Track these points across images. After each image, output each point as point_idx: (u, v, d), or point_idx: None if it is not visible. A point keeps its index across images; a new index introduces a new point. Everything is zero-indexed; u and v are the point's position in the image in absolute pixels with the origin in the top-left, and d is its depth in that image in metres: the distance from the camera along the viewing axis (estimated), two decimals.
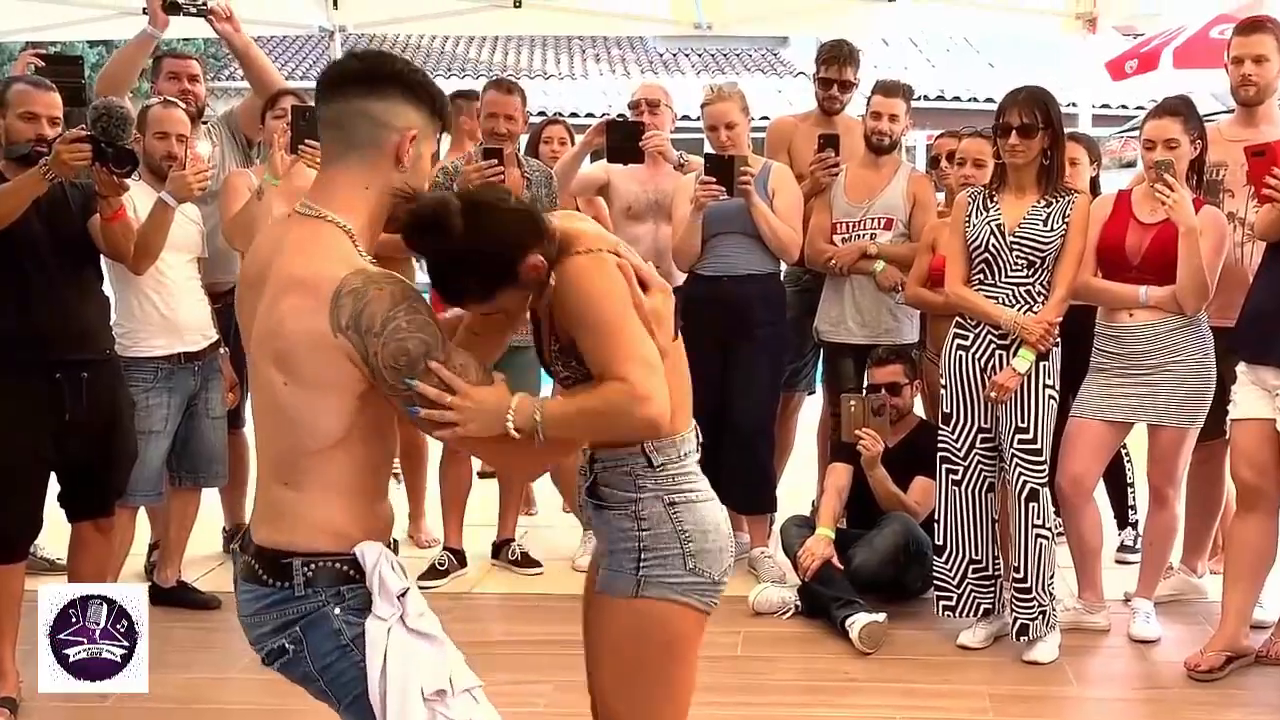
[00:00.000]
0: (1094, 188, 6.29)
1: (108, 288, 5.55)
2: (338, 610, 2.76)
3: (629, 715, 3.09)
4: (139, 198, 5.48)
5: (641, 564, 2.98)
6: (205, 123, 6.55)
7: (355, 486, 2.79)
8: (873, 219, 6.48)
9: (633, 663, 3.04)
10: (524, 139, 7.21)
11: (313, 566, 2.75)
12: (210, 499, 6.65)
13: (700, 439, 3.09)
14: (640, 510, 2.99)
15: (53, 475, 5.16)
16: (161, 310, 5.68)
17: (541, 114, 15.90)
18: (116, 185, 4.97)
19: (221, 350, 6.04)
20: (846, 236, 6.49)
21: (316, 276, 2.67)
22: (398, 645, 2.74)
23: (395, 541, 4.14)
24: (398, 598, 2.76)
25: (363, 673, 2.73)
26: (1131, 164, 11.74)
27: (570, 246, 2.88)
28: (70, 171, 4.84)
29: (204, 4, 6.39)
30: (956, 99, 21.18)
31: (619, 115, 6.78)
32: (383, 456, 2.89)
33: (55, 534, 5.47)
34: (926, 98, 19.66)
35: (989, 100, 5.40)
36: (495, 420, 2.73)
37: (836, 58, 6.76)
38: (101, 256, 5.33)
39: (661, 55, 25.71)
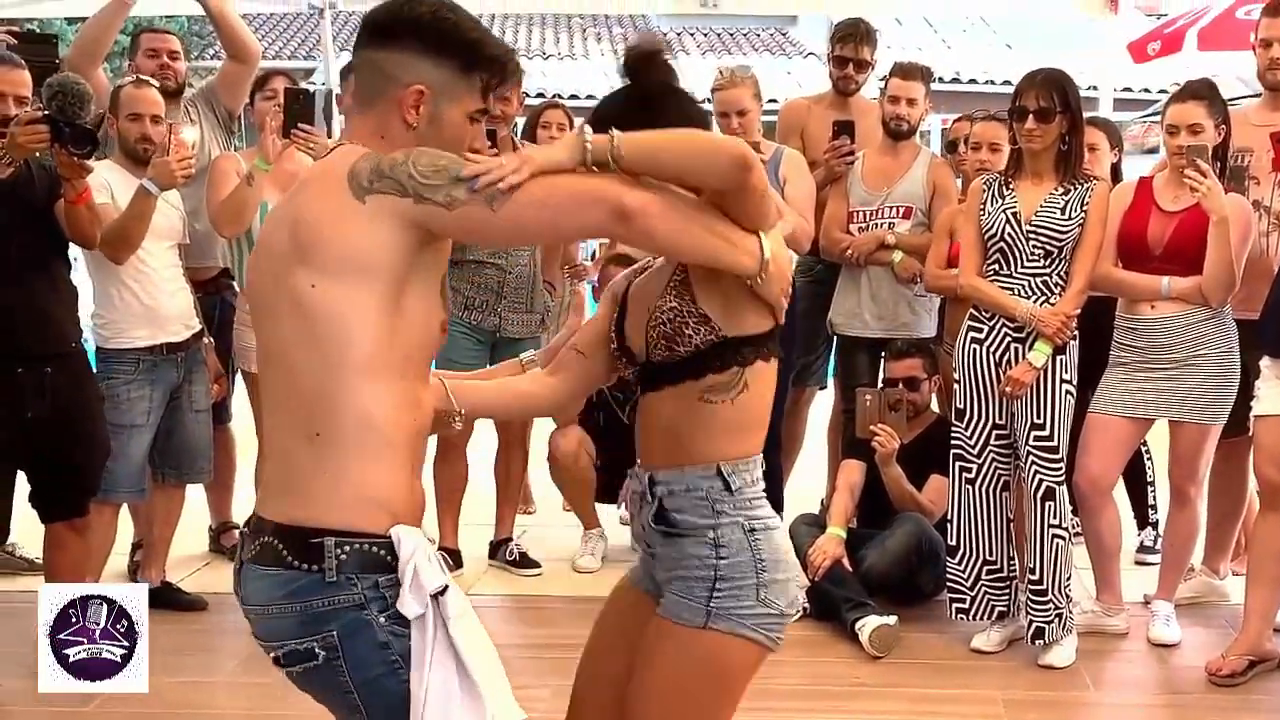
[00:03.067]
0: (1115, 174, 6.29)
1: (83, 277, 5.53)
2: (382, 619, 2.54)
3: None
4: (117, 184, 5.46)
5: (715, 594, 2.87)
6: (185, 100, 6.52)
7: (394, 439, 2.58)
8: (891, 207, 6.48)
9: (682, 693, 2.91)
10: (519, 122, 7.21)
11: (347, 549, 2.51)
12: (196, 496, 6.67)
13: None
14: (720, 537, 2.88)
15: (22, 475, 5.15)
16: (142, 300, 5.63)
17: (540, 96, 15.91)
18: (78, 167, 4.88)
19: (205, 340, 6.01)
20: (863, 225, 6.49)
21: (330, 171, 2.61)
22: (442, 668, 2.55)
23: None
24: (432, 597, 2.55)
25: (408, 693, 2.53)
26: (1154, 150, 11.73)
27: None
28: (26, 154, 4.79)
29: None
30: (973, 81, 21.20)
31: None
32: (421, 421, 2.68)
33: (34, 533, 5.47)
34: (942, 80, 19.61)
35: (1006, 83, 5.42)
36: (566, 149, 2.59)
37: (853, 35, 6.75)
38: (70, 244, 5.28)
39: (665, 34, 25.66)
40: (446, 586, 2.59)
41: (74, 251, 5.52)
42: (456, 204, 2.49)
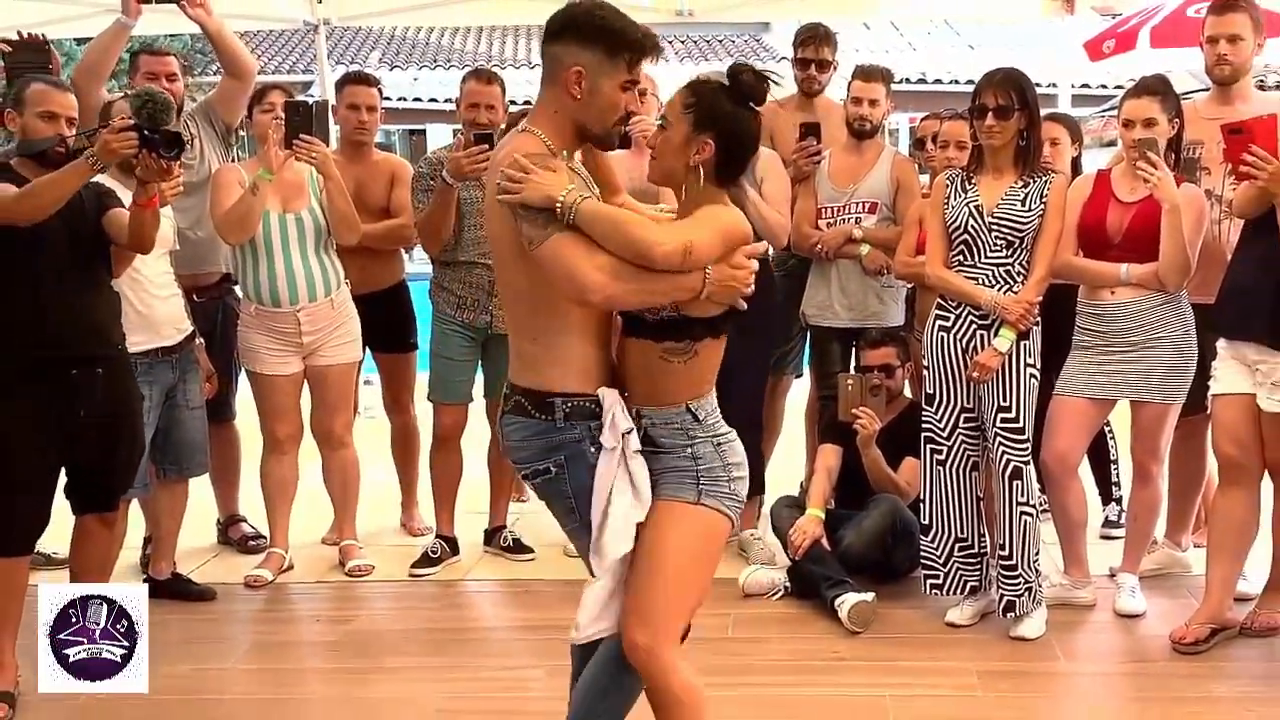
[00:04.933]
0: (1076, 168, 6.28)
1: None
2: (593, 449, 3.47)
3: (669, 598, 3.54)
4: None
5: (700, 482, 3.55)
6: (184, 115, 6.49)
7: (591, 332, 3.52)
8: (857, 203, 6.48)
9: (680, 555, 3.53)
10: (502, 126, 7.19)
11: (570, 404, 3.47)
12: (204, 492, 6.66)
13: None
14: (696, 452, 3.55)
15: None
16: (138, 307, 5.61)
17: (527, 102, 15.88)
18: (164, 170, 4.92)
19: (197, 342, 6.01)
20: (831, 221, 6.49)
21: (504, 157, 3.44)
22: (622, 481, 3.46)
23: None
24: (624, 435, 3.44)
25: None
26: (1112, 143, 11.75)
27: None
28: (116, 159, 4.83)
29: None
30: (938, 81, 21.23)
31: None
32: (601, 314, 3.53)
33: (53, 529, 5.46)
34: (908, 80, 19.70)
35: (970, 82, 5.44)
36: (547, 192, 3.31)
37: (813, 38, 6.76)
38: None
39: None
40: (631, 429, 3.47)
41: None
42: (530, 234, 3.35)
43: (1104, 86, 18.81)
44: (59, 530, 5.33)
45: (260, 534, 6.77)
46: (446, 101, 6.02)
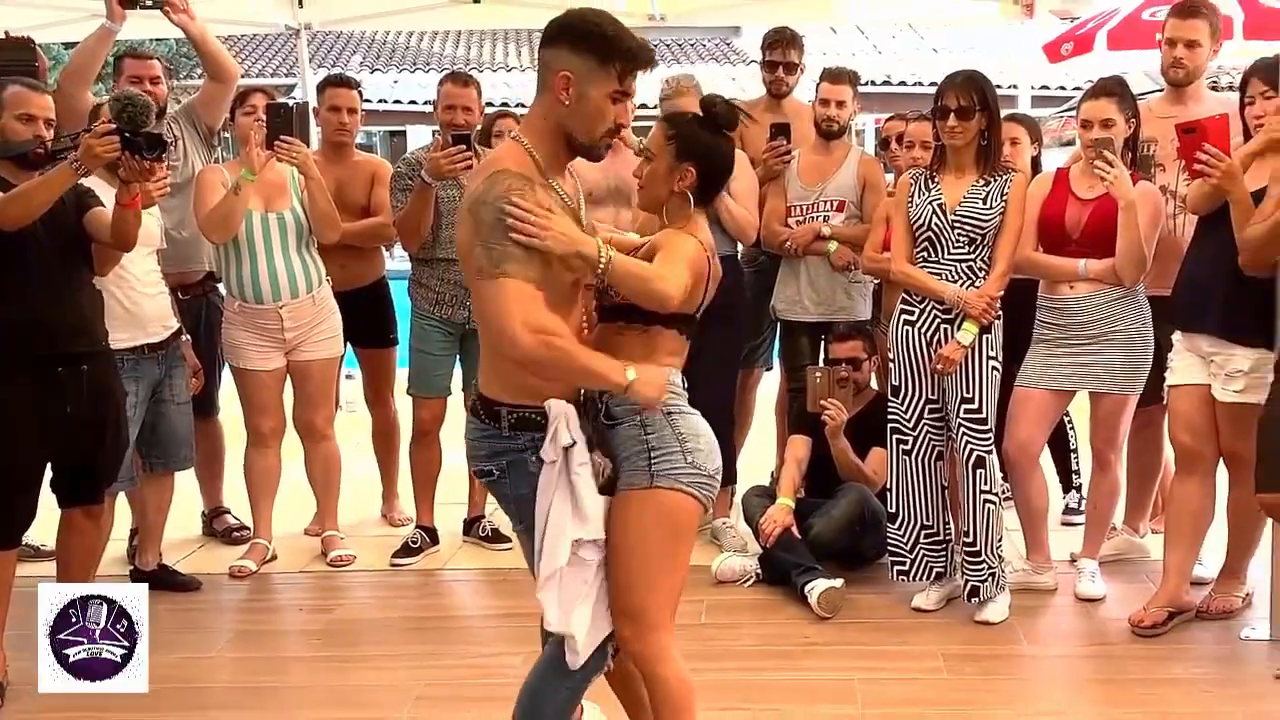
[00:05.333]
0: (1035, 166, 6.31)
1: None
2: (534, 458, 3.45)
3: (644, 590, 3.50)
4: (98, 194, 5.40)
5: (652, 460, 3.48)
6: (167, 117, 6.47)
7: None
8: (826, 202, 6.48)
9: (646, 545, 3.48)
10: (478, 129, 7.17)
11: (515, 415, 3.46)
12: (190, 485, 6.64)
13: (685, 383, 3.65)
14: (644, 419, 3.50)
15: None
16: (125, 305, 5.59)
17: (505, 104, 15.83)
18: (146, 171, 4.91)
19: (184, 338, 5.98)
20: (801, 219, 6.48)
21: (486, 167, 3.46)
22: (561, 495, 3.42)
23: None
24: (565, 449, 3.40)
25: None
26: (1071, 143, 11.75)
27: None
28: (100, 163, 4.80)
29: None
30: (903, 83, 21.26)
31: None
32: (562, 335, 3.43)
33: (41, 521, 5.44)
34: (874, 83, 19.70)
35: (933, 84, 5.42)
36: (578, 249, 3.33)
37: (780, 41, 6.76)
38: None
39: None
40: (575, 444, 3.42)
41: None
42: (481, 261, 3.29)
43: (1063, 88, 18.86)
44: (47, 523, 5.31)
45: (244, 525, 6.74)
46: (426, 104, 5.99)
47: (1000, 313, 5.40)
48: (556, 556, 3.43)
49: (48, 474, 5.10)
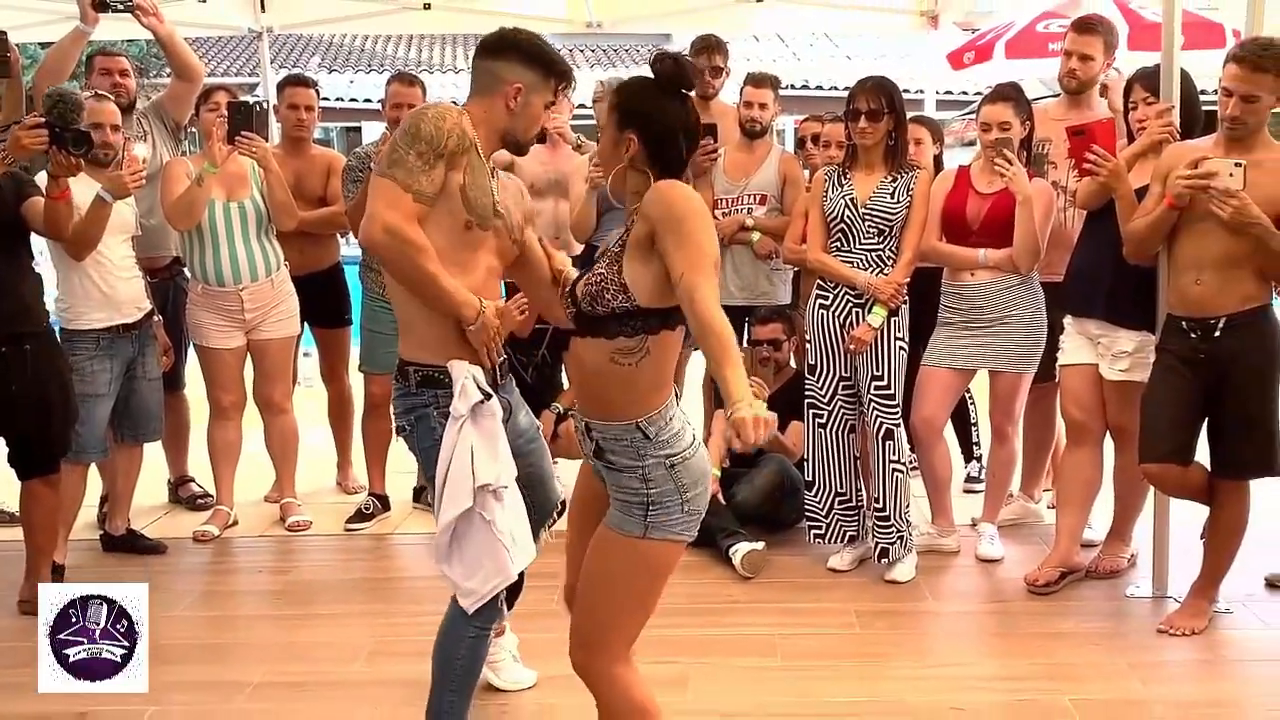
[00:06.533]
0: (938, 164, 6.31)
1: (48, 267, 5.45)
2: (436, 413, 3.50)
3: (610, 625, 3.18)
4: (75, 187, 5.31)
5: (649, 514, 3.08)
6: (137, 113, 6.40)
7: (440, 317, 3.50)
8: (749, 195, 6.45)
9: (626, 587, 3.14)
10: None
11: (421, 373, 3.53)
12: (156, 455, 6.56)
13: (679, 393, 3.39)
14: (647, 473, 3.07)
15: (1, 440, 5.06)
16: (101, 288, 5.56)
17: (454, 102, 15.74)
18: (73, 166, 4.84)
19: (155, 319, 5.94)
20: (726, 211, 6.45)
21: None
22: (464, 445, 3.41)
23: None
24: (478, 404, 3.43)
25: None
26: (972, 143, 11.82)
27: None
28: (27, 155, 4.74)
29: (131, 2, 6.23)
30: (819, 88, 21.23)
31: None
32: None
33: (12, 489, 5.38)
34: (793, 87, 19.66)
35: (847, 88, 5.42)
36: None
37: (706, 47, 6.72)
38: (33, 237, 5.21)
39: (559, 50, 25.50)
40: (482, 402, 3.44)
41: (39, 245, 5.43)
42: (382, 158, 3.41)
43: (965, 93, 18.89)
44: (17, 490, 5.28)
45: (208, 493, 6.69)
46: (380, 102, 5.94)
47: (907, 298, 5.42)
48: (457, 503, 3.41)
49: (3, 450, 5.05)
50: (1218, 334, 4.61)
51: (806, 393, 5.59)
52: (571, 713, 4.09)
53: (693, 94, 3.17)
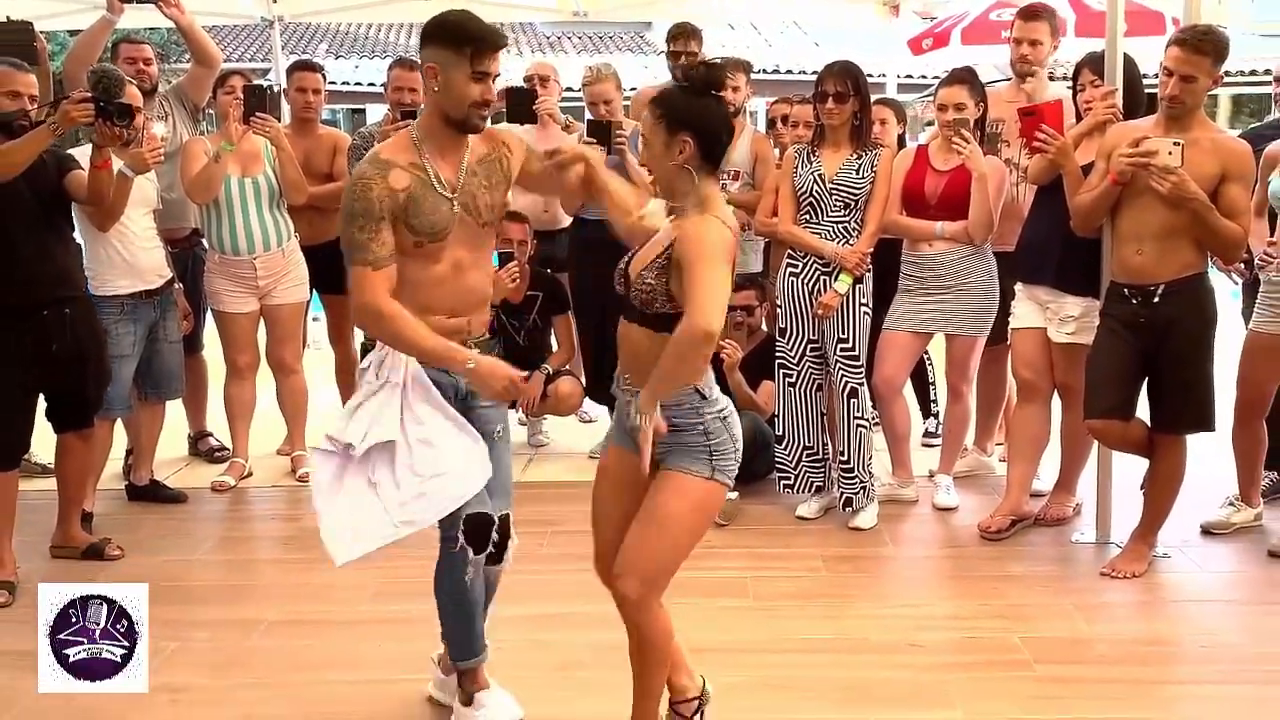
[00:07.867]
0: (900, 143, 6.29)
1: (78, 237, 5.40)
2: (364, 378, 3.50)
3: (667, 561, 3.24)
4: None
5: (713, 458, 3.19)
6: (159, 95, 6.35)
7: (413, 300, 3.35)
8: (724, 172, 6.39)
9: (689, 526, 3.23)
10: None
11: (363, 343, 3.44)
12: (177, 411, 6.52)
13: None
14: (707, 427, 3.19)
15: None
16: (125, 257, 5.54)
17: None
18: (117, 135, 4.80)
19: (176, 286, 5.92)
20: None
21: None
22: (368, 408, 3.43)
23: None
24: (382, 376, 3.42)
25: None
26: (931, 123, 11.80)
27: None
28: (74, 124, 4.70)
29: None
30: (789, 72, 21.10)
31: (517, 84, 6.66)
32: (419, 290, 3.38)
33: (46, 444, 5.33)
34: (765, 71, 19.57)
35: (814, 73, 5.40)
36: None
37: (682, 34, 6.65)
38: (72, 208, 5.17)
39: (548, 37, 25.29)
40: (385, 385, 3.42)
41: None
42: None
43: (924, 76, 18.76)
44: (51, 444, 5.24)
45: (224, 447, 6.65)
46: (383, 85, 5.92)
47: (870, 266, 5.40)
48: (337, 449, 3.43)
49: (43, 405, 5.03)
50: (1157, 300, 4.59)
51: (777, 354, 5.56)
52: (563, 649, 4.12)
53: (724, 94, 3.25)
